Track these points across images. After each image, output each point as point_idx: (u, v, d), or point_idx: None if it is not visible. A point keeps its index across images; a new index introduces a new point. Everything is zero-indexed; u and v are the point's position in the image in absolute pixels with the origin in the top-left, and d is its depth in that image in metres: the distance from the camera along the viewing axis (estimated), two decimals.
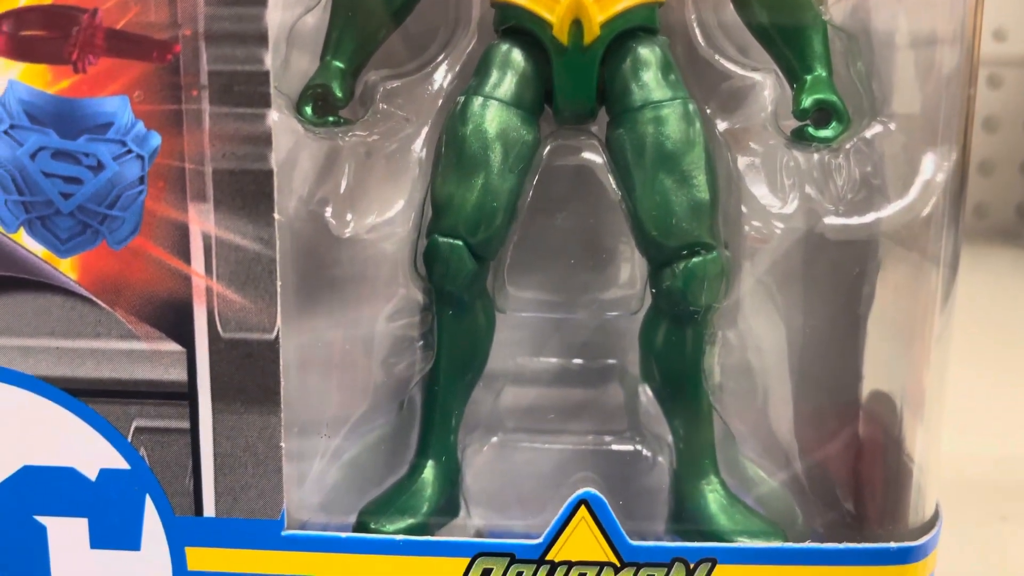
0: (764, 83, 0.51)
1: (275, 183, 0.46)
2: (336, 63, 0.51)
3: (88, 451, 0.49)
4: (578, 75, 0.49)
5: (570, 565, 0.49)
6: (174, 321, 0.47)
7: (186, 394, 0.48)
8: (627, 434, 0.56)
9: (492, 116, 0.49)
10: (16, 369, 0.48)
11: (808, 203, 0.51)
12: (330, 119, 0.51)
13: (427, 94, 0.52)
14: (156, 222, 0.46)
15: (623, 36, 0.49)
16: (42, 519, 0.49)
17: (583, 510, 0.48)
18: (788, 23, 0.49)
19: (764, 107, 0.51)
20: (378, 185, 0.52)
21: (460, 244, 0.49)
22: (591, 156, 0.51)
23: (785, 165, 0.51)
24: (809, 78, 0.49)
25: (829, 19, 0.50)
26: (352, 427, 0.54)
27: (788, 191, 0.51)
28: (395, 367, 0.54)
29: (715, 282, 0.49)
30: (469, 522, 0.54)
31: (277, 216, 0.46)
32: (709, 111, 0.51)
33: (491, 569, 0.49)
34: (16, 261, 0.47)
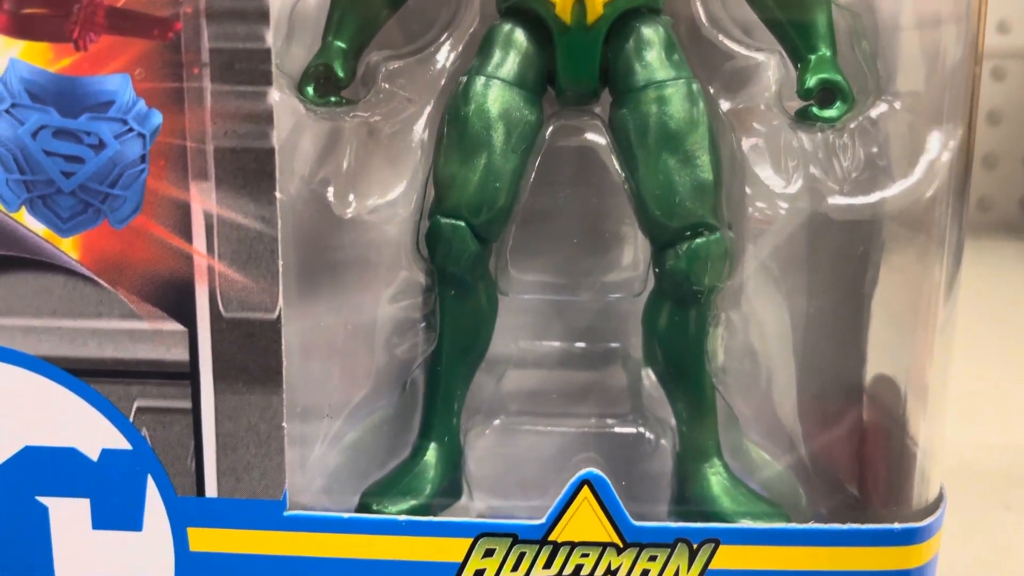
0: (768, 63, 0.51)
1: (276, 162, 0.46)
2: (338, 43, 0.50)
3: (90, 431, 0.49)
4: (581, 55, 0.49)
5: (573, 545, 0.48)
6: (176, 300, 0.47)
7: (188, 374, 0.48)
8: (630, 417, 0.56)
9: (495, 96, 0.49)
10: (18, 349, 0.48)
11: (812, 183, 0.51)
12: (332, 99, 0.51)
13: (429, 74, 0.52)
14: (157, 201, 0.46)
15: (626, 15, 0.48)
16: (44, 500, 0.49)
17: (586, 490, 0.48)
18: (792, 2, 0.49)
19: (768, 87, 0.51)
20: (380, 166, 0.52)
21: (462, 225, 0.49)
22: (594, 136, 0.51)
23: (789, 145, 0.51)
24: (813, 58, 0.49)
25: None
26: (354, 409, 0.54)
27: (792, 172, 0.51)
28: (397, 349, 0.54)
29: (719, 263, 0.49)
30: (472, 505, 0.54)
31: (279, 195, 0.46)
32: (713, 91, 0.51)
33: (494, 549, 0.49)
34: (17, 240, 0.47)
